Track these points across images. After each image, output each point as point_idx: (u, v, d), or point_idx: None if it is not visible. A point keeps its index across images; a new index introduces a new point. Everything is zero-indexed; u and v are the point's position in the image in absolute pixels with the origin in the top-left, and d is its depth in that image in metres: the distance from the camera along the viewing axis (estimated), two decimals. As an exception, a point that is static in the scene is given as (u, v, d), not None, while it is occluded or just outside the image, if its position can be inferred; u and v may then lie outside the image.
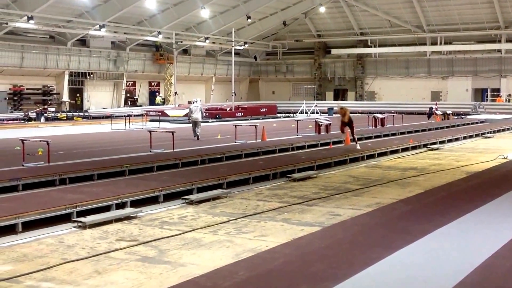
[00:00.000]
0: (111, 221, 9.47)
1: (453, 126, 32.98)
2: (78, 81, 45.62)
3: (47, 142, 16.26)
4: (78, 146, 21.48)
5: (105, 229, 9.05)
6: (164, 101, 51.00)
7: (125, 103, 49.00)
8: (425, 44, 53.53)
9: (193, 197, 11.38)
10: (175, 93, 47.76)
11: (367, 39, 55.90)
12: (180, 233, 8.73)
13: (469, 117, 41.54)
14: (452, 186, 12.74)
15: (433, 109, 40.17)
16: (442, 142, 23.47)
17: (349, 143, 21.56)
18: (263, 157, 18.40)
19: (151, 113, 39.37)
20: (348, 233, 8.28)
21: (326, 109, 47.91)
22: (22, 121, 36.46)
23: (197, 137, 24.06)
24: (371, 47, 55.95)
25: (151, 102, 51.49)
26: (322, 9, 52.88)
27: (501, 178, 13.90)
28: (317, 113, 46.84)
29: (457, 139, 25.07)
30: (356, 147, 19.68)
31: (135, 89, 51.39)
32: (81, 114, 41.65)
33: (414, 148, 21.34)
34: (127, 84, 49.53)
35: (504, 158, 17.99)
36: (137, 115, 37.39)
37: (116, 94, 48.95)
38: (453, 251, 7.22)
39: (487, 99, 51.79)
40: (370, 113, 36.80)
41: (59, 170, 13.77)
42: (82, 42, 45.02)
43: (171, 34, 46.79)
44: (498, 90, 51.38)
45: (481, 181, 13.35)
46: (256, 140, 22.53)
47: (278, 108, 48.63)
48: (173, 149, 19.07)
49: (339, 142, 21.80)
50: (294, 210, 10.44)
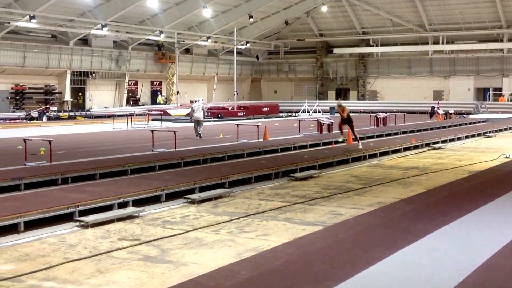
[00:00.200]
0: (113, 220, 9.48)
1: (455, 125, 32.94)
2: (80, 80, 45.64)
3: (49, 141, 16.27)
4: (80, 145, 21.50)
5: (107, 228, 9.06)
6: (166, 101, 51.02)
7: (127, 103, 49.02)
8: (427, 43, 53.48)
9: (195, 196, 11.38)
10: (177, 93, 47.76)
11: (369, 38, 55.86)
12: (182, 232, 8.74)
13: (471, 116, 41.47)
14: (454, 185, 12.73)
15: (435, 109, 40.14)
16: (444, 141, 23.45)
17: (351, 142, 21.55)
18: (265, 156, 18.41)
19: (153, 112, 39.37)
20: (350, 233, 8.27)
21: (328, 108, 47.91)
22: (24, 121, 36.50)
23: (199, 136, 24.08)
24: (373, 46, 55.91)
25: (153, 101, 51.51)
26: (324, 9, 52.84)
27: (503, 177, 13.89)
28: (319, 112, 46.84)
29: (459, 139, 25.05)
30: (358, 146, 19.67)
31: (137, 88, 51.39)
32: (83, 113, 41.70)
33: (416, 147, 21.32)
34: (129, 83, 49.54)
35: (506, 157, 17.96)
36: (139, 115, 37.42)
37: (118, 93, 48.97)
38: (455, 251, 7.22)
39: (489, 99, 51.72)
40: (372, 113, 36.81)
41: (61, 169, 13.78)
42: (84, 41, 45.04)
43: (173, 33, 46.79)
44: (500, 89, 51.32)
45: (483, 181, 13.34)
46: (258, 139, 22.53)
47: (280, 107, 48.62)
48: (175, 148, 19.08)
49: (343, 140, 21.74)
50: (296, 209, 10.44)
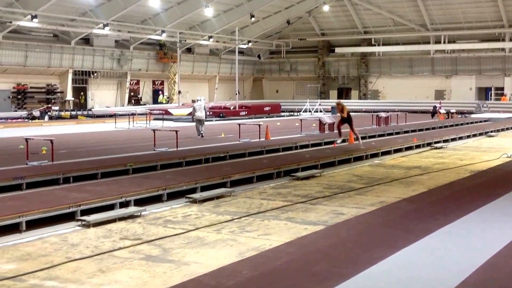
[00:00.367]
0: (115, 219, 9.48)
1: (457, 125, 32.92)
2: (82, 79, 45.69)
3: (51, 140, 16.28)
4: (81, 144, 21.51)
5: (109, 227, 9.06)
6: (168, 100, 51.04)
7: (129, 102, 49.07)
8: (429, 42, 53.49)
9: (197, 195, 11.37)
10: (179, 92, 47.78)
11: (371, 37, 55.87)
12: (183, 232, 8.74)
13: (472, 116, 41.44)
14: (455, 185, 12.72)
15: (437, 108, 40.11)
16: (446, 141, 23.43)
17: (352, 141, 21.54)
18: (266, 156, 18.41)
19: (155, 111, 39.39)
20: (351, 232, 8.27)
21: (329, 107, 47.87)
22: (26, 120, 36.49)
23: (201, 135, 24.08)
24: (375, 45, 55.93)
25: (155, 101, 51.53)
26: (326, 8, 52.85)
27: (505, 177, 13.88)
28: (320, 111, 46.83)
29: (461, 138, 25.03)
30: (359, 145, 19.65)
31: (138, 88, 51.43)
32: (84, 113, 41.70)
33: (418, 147, 21.30)
34: (131, 82, 49.58)
35: (508, 157, 17.94)
36: (141, 114, 37.43)
37: (120, 92, 49.01)
38: (457, 251, 7.21)
39: (490, 98, 51.71)
40: (374, 112, 36.80)
41: (63, 168, 13.78)
42: (86, 40, 45.08)
43: (175, 32, 46.82)
44: (502, 88, 51.31)
45: (485, 180, 13.33)
46: (259, 139, 22.53)
47: (281, 106, 48.62)
48: (177, 147, 19.08)
49: (343, 141, 21.73)
50: (297, 209, 10.44)
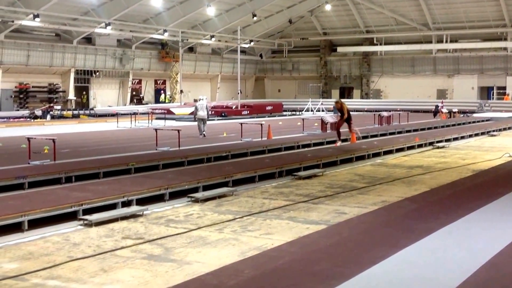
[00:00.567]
0: (117, 219, 9.49)
1: (459, 124, 32.90)
2: (84, 79, 45.73)
3: (53, 140, 16.29)
4: (84, 144, 21.52)
5: (111, 227, 9.06)
6: (170, 99, 51.06)
7: (131, 101, 49.11)
8: (431, 42, 53.46)
9: (199, 195, 11.38)
10: (181, 91, 47.81)
11: (373, 37, 55.87)
12: (185, 231, 8.74)
13: (475, 115, 41.42)
14: (457, 184, 12.71)
15: (439, 107, 40.08)
16: (448, 140, 23.42)
17: (354, 141, 21.53)
18: (268, 155, 18.41)
19: (157, 111, 39.41)
20: (353, 232, 8.27)
21: (331, 107, 47.80)
22: (28, 119, 36.54)
23: (203, 135, 24.08)
24: (377, 45, 55.92)
25: (157, 100, 51.56)
26: (328, 7, 52.84)
27: (507, 176, 13.86)
28: (322, 111, 46.81)
29: (463, 137, 25.02)
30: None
31: (140, 87, 51.48)
32: (87, 112, 41.75)
33: (420, 146, 21.29)
34: (133, 82, 49.64)
35: (510, 156, 17.92)
36: (143, 113, 37.44)
37: (122, 92, 49.06)
38: (458, 250, 7.20)
39: (493, 97, 51.68)
40: (376, 111, 36.79)
41: (65, 168, 13.79)
42: (88, 40, 45.12)
43: (177, 32, 46.85)
44: (504, 88, 51.28)
45: (487, 180, 13.32)
46: (261, 138, 22.54)
47: (284, 106, 48.62)
48: (179, 147, 19.09)
49: (345, 140, 21.75)
50: (299, 208, 10.44)
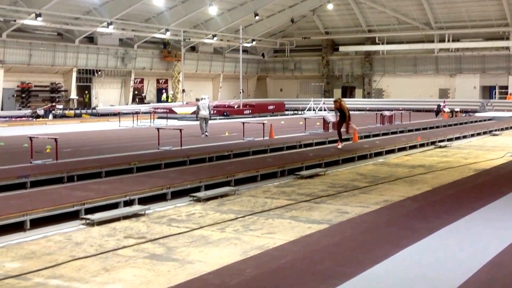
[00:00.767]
0: (119, 218, 9.50)
1: (461, 123, 32.88)
2: (86, 78, 45.75)
3: (55, 139, 16.30)
4: (86, 143, 21.54)
5: (113, 226, 9.07)
6: (173, 99, 51.08)
7: (133, 101, 49.13)
8: (433, 41, 53.43)
9: (201, 194, 11.39)
10: (183, 91, 47.82)
11: (375, 36, 55.83)
12: (188, 230, 8.74)
13: (477, 114, 41.40)
14: (459, 184, 12.70)
15: (441, 107, 40.07)
16: (450, 139, 23.40)
17: (356, 140, 21.53)
18: (270, 154, 18.41)
19: (159, 110, 39.42)
20: (355, 231, 8.27)
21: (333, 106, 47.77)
22: (30, 118, 36.60)
23: (205, 135, 24.08)
24: (379, 44, 55.89)
25: (159, 99, 51.58)
26: (330, 6, 52.85)
27: (509, 175, 13.85)
28: (324, 110, 46.81)
29: (465, 137, 25.00)
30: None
31: (142, 86, 51.50)
32: (89, 111, 41.80)
33: (421, 145, 21.28)
34: (135, 81, 49.66)
35: (512, 155, 17.93)
36: (145, 113, 37.47)
37: (124, 91, 49.09)
38: (460, 250, 7.21)
39: (495, 97, 51.64)
40: (378, 111, 36.79)
41: (67, 167, 13.81)
42: (90, 39, 45.14)
43: (179, 31, 46.85)
44: (506, 87, 51.26)
45: (489, 179, 13.31)
46: (263, 137, 22.53)
47: (285, 105, 48.59)
48: (181, 146, 19.09)
49: (347, 139, 21.75)
50: (301, 207, 10.44)
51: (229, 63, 57.38)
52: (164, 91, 52.58)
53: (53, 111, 38.43)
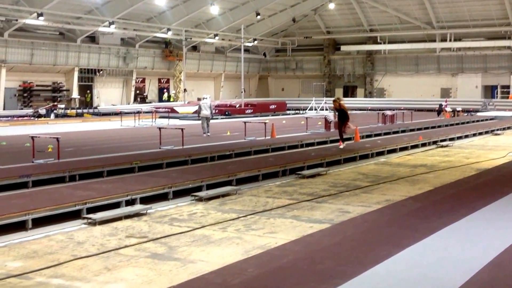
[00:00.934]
0: (121, 217, 9.50)
1: (462, 123, 32.86)
2: (87, 77, 45.76)
3: (57, 138, 16.31)
4: (87, 142, 21.55)
5: (114, 225, 9.08)
6: (175, 98, 51.09)
7: (135, 100, 49.14)
8: (434, 40, 53.38)
9: (202, 194, 11.39)
10: (185, 90, 47.83)
11: (376, 36, 55.78)
12: (189, 230, 8.75)
13: (478, 114, 41.36)
14: (461, 183, 12.70)
15: (443, 106, 40.02)
16: (451, 139, 23.40)
17: (358, 140, 21.52)
18: (272, 154, 18.41)
19: (161, 109, 39.41)
20: (357, 230, 8.27)
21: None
22: (32, 118, 36.62)
23: (207, 134, 24.08)
24: (380, 44, 55.84)
25: (160, 98, 51.58)
26: (331, 6, 52.79)
27: (511, 175, 13.85)
28: (326, 110, 46.78)
29: (466, 136, 24.99)
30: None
31: (144, 85, 51.50)
32: (90, 111, 41.81)
33: (423, 145, 21.28)
34: (137, 80, 49.67)
35: (514, 155, 17.92)
36: (146, 112, 37.48)
37: (125, 90, 49.09)
38: (462, 249, 7.21)
39: (496, 96, 51.59)
40: (379, 110, 36.76)
41: (69, 166, 13.82)
42: (91, 38, 45.14)
43: (180, 30, 46.85)
44: (508, 87, 51.19)
45: (491, 178, 13.31)
46: (265, 137, 22.53)
47: (287, 105, 48.61)
48: (183, 146, 19.09)
49: (348, 139, 21.74)
50: (303, 207, 10.44)
51: (231, 62, 57.37)
52: (165, 90, 52.58)
53: (55, 111, 38.45)
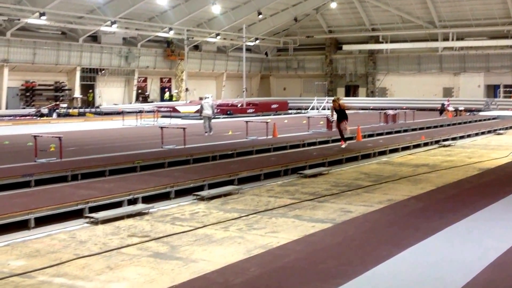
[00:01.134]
0: (123, 217, 9.52)
1: (465, 122, 32.84)
2: (89, 77, 45.76)
3: (59, 138, 16.32)
4: (90, 142, 21.57)
5: (117, 225, 9.10)
6: (177, 97, 51.09)
7: (137, 99, 49.15)
8: (437, 40, 53.29)
9: (204, 193, 11.40)
10: (186, 89, 47.83)
11: (378, 35, 55.72)
12: (191, 229, 8.76)
13: (481, 113, 41.32)
14: (463, 183, 12.69)
15: (445, 106, 39.98)
16: (454, 138, 23.38)
17: (360, 139, 21.51)
18: (274, 153, 18.41)
19: (163, 109, 39.42)
20: (359, 230, 8.27)
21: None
22: (34, 117, 36.64)
23: (208, 133, 24.08)
24: (382, 43, 55.77)
25: (162, 98, 51.59)
26: (333, 5, 52.72)
27: (513, 175, 13.85)
28: (328, 109, 46.74)
29: (469, 136, 24.97)
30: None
31: (146, 85, 51.51)
32: (92, 110, 41.81)
33: (425, 144, 21.27)
34: (139, 80, 49.66)
35: (516, 155, 17.89)
36: (148, 111, 37.48)
37: (127, 90, 49.09)
38: (464, 249, 7.20)
39: (499, 95, 51.52)
40: (381, 110, 36.73)
41: (71, 166, 13.84)
42: (93, 38, 45.13)
43: (182, 30, 46.85)
44: (510, 86, 51.10)
45: (493, 178, 13.29)
46: (267, 136, 22.53)
47: (289, 104, 48.57)
48: (185, 145, 19.10)
49: (350, 138, 21.73)
50: (305, 206, 10.45)
51: (233, 62, 57.34)
52: (166, 90, 52.59)
53: (57, 110, 38.45)
